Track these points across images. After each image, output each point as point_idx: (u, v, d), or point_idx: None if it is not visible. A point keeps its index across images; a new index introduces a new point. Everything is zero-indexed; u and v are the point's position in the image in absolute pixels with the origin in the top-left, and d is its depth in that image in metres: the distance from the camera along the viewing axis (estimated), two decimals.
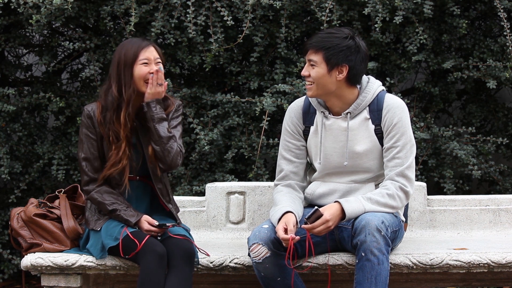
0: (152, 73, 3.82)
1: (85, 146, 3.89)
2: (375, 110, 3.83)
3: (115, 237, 3.78)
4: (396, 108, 3.81)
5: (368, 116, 3.84)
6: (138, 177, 3.95)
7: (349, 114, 3.83)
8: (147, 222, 3.80)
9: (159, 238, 3.77)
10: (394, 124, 3.80)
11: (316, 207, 3.68)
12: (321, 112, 3.87)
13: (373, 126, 3.84)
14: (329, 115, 3.86)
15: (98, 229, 3.84)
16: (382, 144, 3.84)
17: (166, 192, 3.97)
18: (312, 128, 3.91)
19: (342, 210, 3.69)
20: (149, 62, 3.84)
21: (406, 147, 3.80)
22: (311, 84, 3.80)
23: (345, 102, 3.84)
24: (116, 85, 3.85)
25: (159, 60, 3.87)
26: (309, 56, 3.79)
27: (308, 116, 3.92)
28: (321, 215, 3.64)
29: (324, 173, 3.92)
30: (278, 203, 3.84)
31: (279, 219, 3.73)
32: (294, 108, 3.96)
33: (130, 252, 3.74)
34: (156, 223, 3.79)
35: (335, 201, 3.73)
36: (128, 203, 3.87)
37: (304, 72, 3.81)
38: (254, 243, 3.72)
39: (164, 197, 3.95)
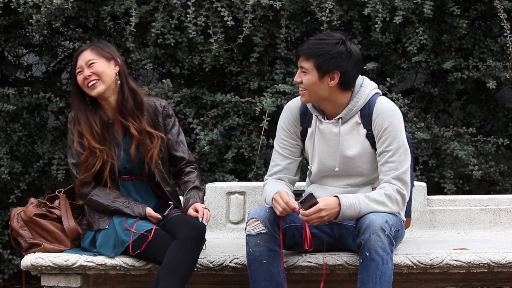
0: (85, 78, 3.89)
1: (73, 151, 3.91)
2: (366, 115, 3.81)
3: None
4: (386, 112, 3.79)
5: (360, 121, 3.83)
6: (133, 177, 3.98)
7: (340, 119, 3.83)
8: (152, 216, 3.85)
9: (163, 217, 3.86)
10: (384, 129, 3.78)
11: (311, 192, 3.66)
12: (315, 115, 3.88)
13: (364, 131, 3.83)
14: (323, 119, 3.86)
15: (106, 227, 3.86)
16: (374, 149, 3.83)
17: (166, 182, 4.01)
18: (309, 130, 3.91)
19: (339, 204, 3.67)
20: (81, 70, 3.89)
21: (399, 151, 3.77)
22: (303, 90, 3.79)
23: (338, 106, 3.83)
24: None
25: (92, 62, 3.88)
26: (300, 62, 3.78)
27: (305, 117, 3.92)
28: (316, 202, 3.63)
29: (321, 175, 3.92)
30: (270, 189, 3.85)
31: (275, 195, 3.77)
32: (292, 109, 3.96)
33: (142, 244, 3.80)
34: (158, 215, 3.86)
35: (335, 196, 3.71)
36: (126, 197, 3.90)
37: (296, 79, 3.80)
38: (253, 218, 3.74)
39: (165, 187, 4.00)
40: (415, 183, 4.45)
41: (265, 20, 5.24)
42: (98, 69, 3.87)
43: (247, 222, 3.76)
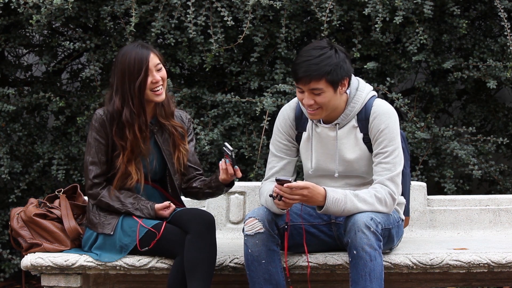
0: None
1: (93, 150, 3.85)
2: (363, 119, 3.81)
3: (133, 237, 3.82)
4: (383, 114, 3.78)
5: (356, 125, 3.82)
6: (149, 182, 3.97)
7: (337, 124, 3.82)
8: (162, 208, 3.83)
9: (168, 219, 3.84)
10: (381, 130, 3.77)
11: (289, 179, 3.63)
12: (311, 120, 3.87)
13: (361, 135, 3.82)
14: (319, 123, 3.85)
15: (111, 233, 3.84)
16: (371, 151, 3.83)
17: (177, 194, 3.99)
18: (304, 134, 3.90)
19: (325, 198, 3.65)
20: (150, 72, 3.80)
21: (395, 153, 3.76)
22: (316, 109, 3.74)
23: (336, 111, 3.81)
24: (120, 98, 3.82)
25: (160, 66, 3.84)
26: (311, 86, 3.68)
27: (301, 121, 3.91)
28: (289, 181, 3.61)
29: (318, 176, 3.91)
30: (266, 189, 3.84)
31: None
32: (288, 112, 3.94)
33: (150, 241, 3.79)
34: (167, 203, 3.84)
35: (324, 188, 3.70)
36: (134, 196, 3.86)
37: (308, 102, 3.71)
38: (251, 217, 3.75)
39: (176, 199, 3.99)
40: (414, 182, 4.45)
41: (265, 20, 5.24)
42: (164, 75, 3.85)
43: (244, 222, 3.76)
